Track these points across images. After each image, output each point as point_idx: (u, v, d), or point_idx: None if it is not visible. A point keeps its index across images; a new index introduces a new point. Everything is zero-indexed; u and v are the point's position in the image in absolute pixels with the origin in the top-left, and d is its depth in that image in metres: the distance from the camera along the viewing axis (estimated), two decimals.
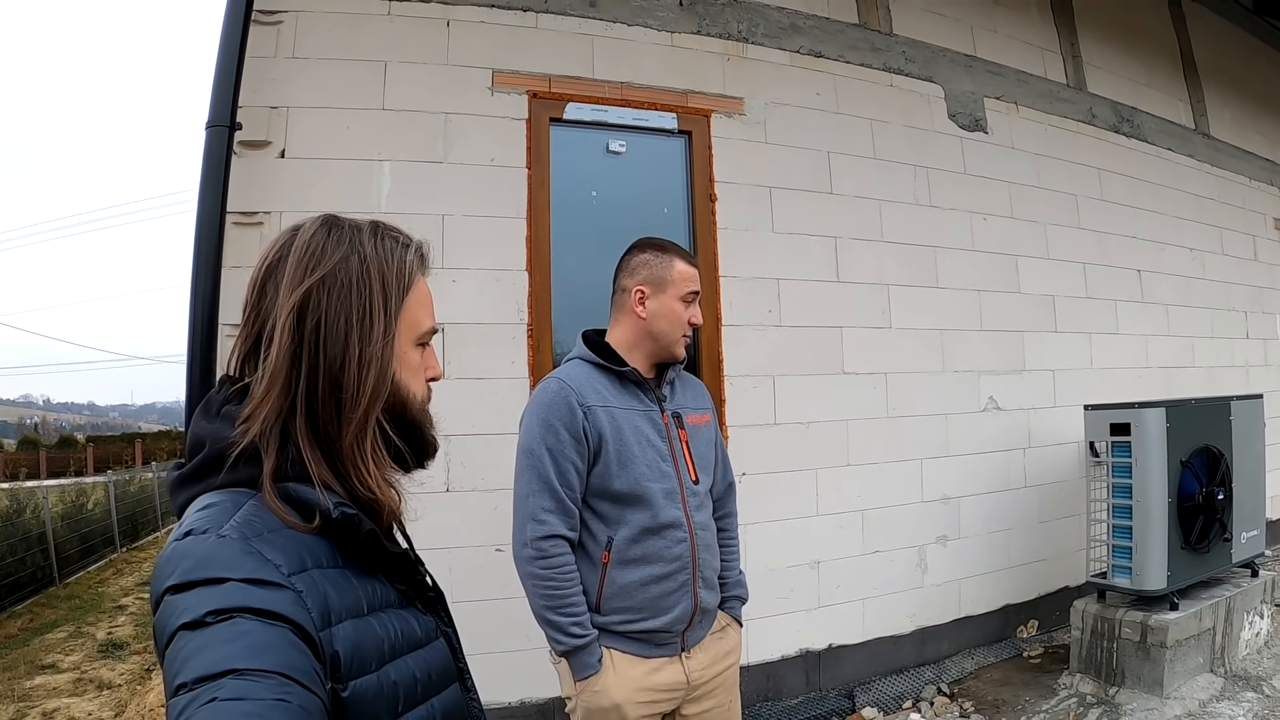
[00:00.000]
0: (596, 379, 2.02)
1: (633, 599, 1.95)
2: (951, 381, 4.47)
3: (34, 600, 9.86)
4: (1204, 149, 6.29)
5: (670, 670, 2.00)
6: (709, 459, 2.16)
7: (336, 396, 0.93)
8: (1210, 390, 5.54)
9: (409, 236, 1.05)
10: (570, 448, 1.92)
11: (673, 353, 2.07)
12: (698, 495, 2.06)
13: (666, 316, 2.04)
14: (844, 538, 4.05)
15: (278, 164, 3.26)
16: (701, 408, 2.19)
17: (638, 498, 1.95)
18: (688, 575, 1.99)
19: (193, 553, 0.78)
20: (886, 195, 4.38)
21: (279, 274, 0.94)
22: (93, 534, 12.52)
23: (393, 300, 0.98)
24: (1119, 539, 3.86)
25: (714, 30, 4.04)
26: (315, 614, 0.80)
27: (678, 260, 2.07)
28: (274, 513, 0.86)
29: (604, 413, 1.96)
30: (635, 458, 1.96)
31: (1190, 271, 5.93)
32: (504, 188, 3.53)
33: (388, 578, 0.98)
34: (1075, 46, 5.47)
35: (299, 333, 0.92)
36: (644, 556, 1.95)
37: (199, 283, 2.89)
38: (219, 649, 0.69)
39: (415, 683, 0.92)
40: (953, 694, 3.97)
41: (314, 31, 3.37)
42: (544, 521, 1.90)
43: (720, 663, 2.12)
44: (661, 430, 2.04)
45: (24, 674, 6.83)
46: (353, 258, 0.96)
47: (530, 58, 3.65)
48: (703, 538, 2.04)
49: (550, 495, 1.91)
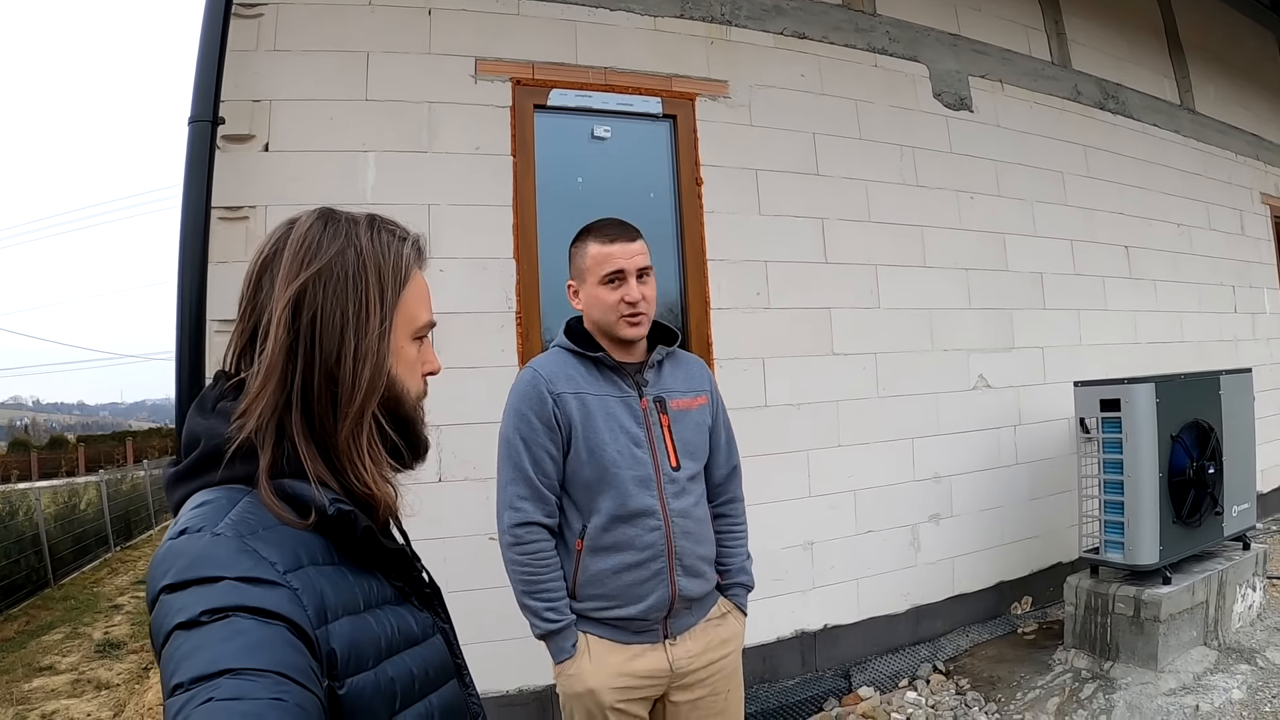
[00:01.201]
0: (572, 365, 2.02)
1: (605, 586, 1.96)
2: (941, 360, 4.48)
3: (29, 602, 9.87)
4: (1189, 124, 6.30)
5: (651, 657, 1.99)
6: (697, 443, 2.11)
7: (332, 391, 0.92)
8: (1199, 365, 5.55)
9: (406, 230, 1.04)
10: (544, 435, 1.95)
11: (619, 336, 2.02)
12: (677, 482, 2.02)
13: (595, 305, 2.02)
14: (837, 518, 4.06)
15: (262, 157, 3.24)
16: (694, 390, 2.14)
17: (607, 485, 1.95)
18: (662, 564, 1.97)
19: (188, 551, 0.78)
20: (873, 175, 4.38)
21: (275, 267, 0.94)
22: (86, 534, 12.53)
23: (389, 294, 0.97)
24: (1111, 514, 3.87)
25: (697, 13, 4.03)
26: (311, 611, 0.79)
27: (590, 244, 2.03)
28: (269, 509, 0.85)
29: (575, 399, 1.97)
30: (605, 444, 1.96)
31: (1178, 247, 5.95)
32: (489, 176, 3.51)
33: (384, 574, 0.97)
34: (1059, 24, 5.47)
35: (294, 327, 0.91)
36: (615, 544, 1.96)
37: (185, 279, 2.87)
38: (215, 648, 0.69)
39: (413, 679, 0.92)
40: (948, 672, 4.00)
41: (295, 23, 3.34)
42: (519, 509, 1.94)
43: (714, 651, 2.08)
44: (639, 415, 2.01)
45: (22, 676, 6.83)
46: (349, 251, 0.96)
47: (513, 45, 3.63)
48: (682, 525, 2.01)
49: (525, 483, 1.95)
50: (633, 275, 2.00)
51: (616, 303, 1.99)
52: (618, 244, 2.01)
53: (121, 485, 15.74)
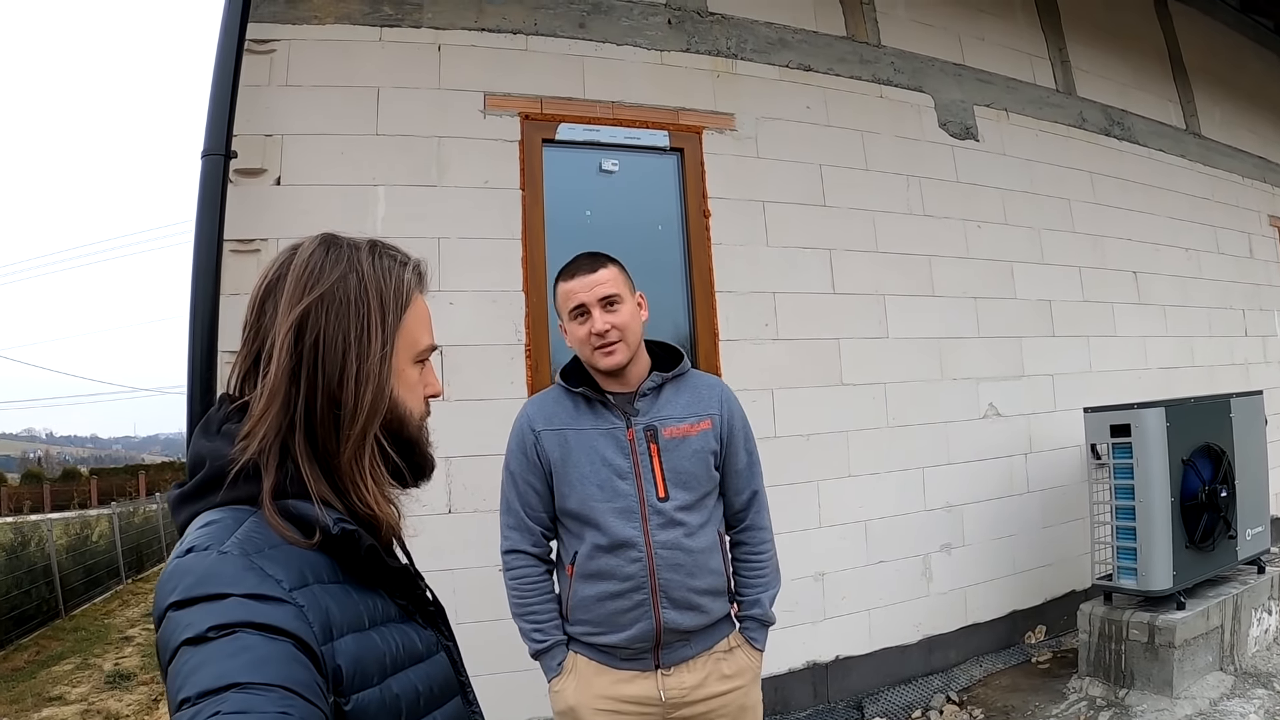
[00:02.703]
0: (560, 402, 2.09)
1: (592, 613, 2.01)
2: (950, 389, 4.47)
3: (40, 633, 9.85)
4: (1196, 149, 6.31)
5: (641, 684, 2.00)
6: (692, 472, 2.02)
7: (335, 413, 0.93)
8: (1210, 389, 5.52)
9: (407, 255, 1.06)
10: (529, 470, 2.06)
11: (598, 366, 2.02)
12: (663, 513, 1.97)
13: (573, 341, 2.05)
14: (847, 549, 4.04)
15: (273, 191, 3.28)
16: (697, 415, 2.06)
17: (585, 517, 2.00)
18: (644, 595, 1.95)
19: (194, 569, 0.79)
20: (880, 206, 4.39)
21: (278, 292, 0.95)
22: (98, 566, 12.51)
23: (390, 317, 0.99)
24: (1123, 540, 3.85)
25: (703, 47, 4.07)
26: (317, 628, 0.80)
27: (559, 283, 2.06)
28: (274, 529, 0.86)
29: (554, 436, 2.04)
30: (585, 478, 2.00)
31: (1187, 271, 5.94)
32: (498, 209, 3.54)
33: (388, 592, 0.98)
34: (1063, 51, 5.50)
35: (297, 350, 0.92)
36: (599, 573, 1.99)
37: (198, 311, 2.90)
38: (222, 664, 0.69)
39: (417, 696, 0.93)
40: (962, 702, 3.96)
41: (306, 59, 3.39)
42: (508, 537, 2.09)
43: (714, 684, 2.03)
44: (625, 447, 2.00)
45: (31, 706, 6.81)
46: (351, 276, 0.97)
47: (521, 80, 3.67)
48: (669, 557, 1.96)
49: (511, 514, 2.09)
50: (595, 307, 1.98)
51: (586, 336, 1.99)
52: (577, 279, 2.01)
53: (134, 518, 15.73)
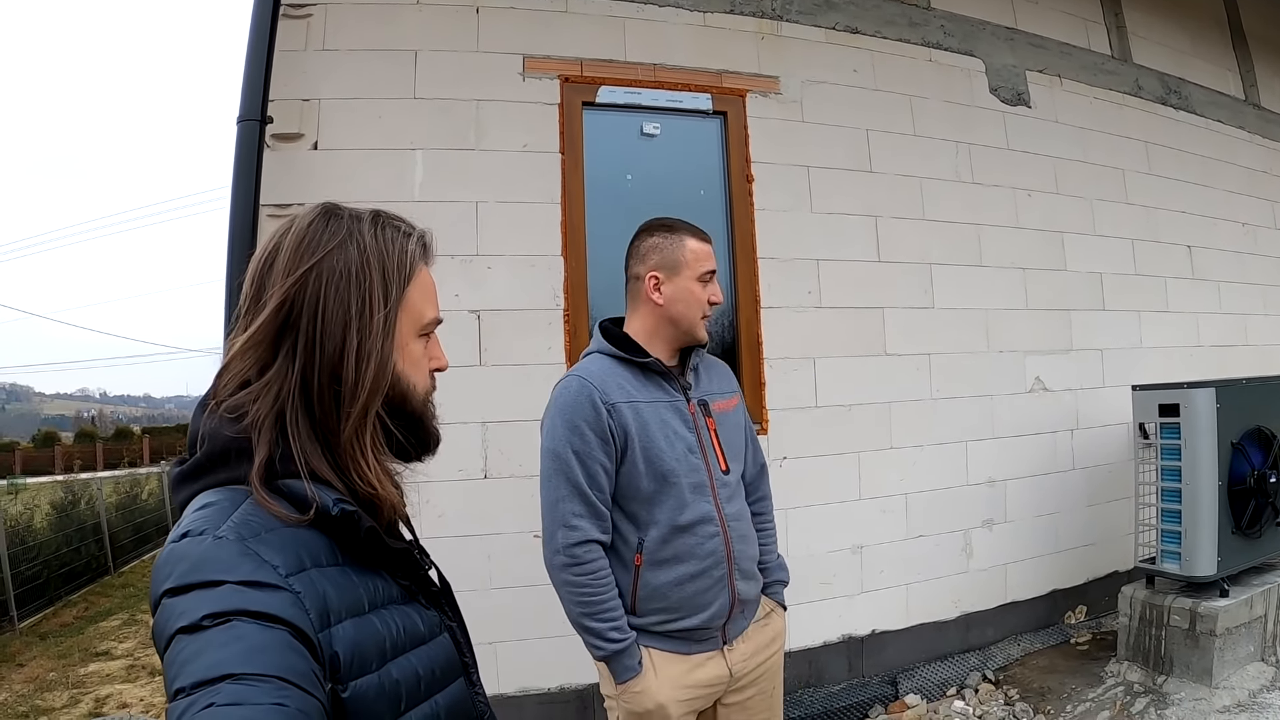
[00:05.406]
0: (618, 373, 1.94)
1: (668, 599, 1.91)
2: (996, 362, 4.38)
3: (89, 589, 10.16)
4: (1254, 120, 6.07)
5: (712, 665, 1.97)
6: (739, 445, 2.09)
7: (335, 390, 0.92)
8: (1264, 370, 5.35)
9: (411, 225, 1.03)
10: (598, 449, 1.86)
11: (695, 336, 1.99)
12: (729, 486, 1.99)
13: (684, 300, 1.96)
14: (887, 522, 3.99)
15: (311, 156, 3.28)
16: (728, 391, 2.12)
17: (665, 494, 1.90)
18: (723, 570, 1.94)
19: (189, 555, 0.78)
20: (927, 172, 4.29)
21: (275, 264, 0.93)
22: (147, 524, 12.91)
23: (393, 290, 0.96)
24: (1168, 523, 3.75)
25: (747, 9, 3.98)
26: (314, 615, 0.79)
27: (689, 239, 1.98)
28: (263, 506, 0.85)
29: (629, 408, 1.89)
30: (664, 452, 1.90)
31: (1242, 247, 5.74)
32: (537, 173, 3.51)
33: (390, 573, 0.97)
34: (1119, 16, 5.30)
35: (292, 320, 0.91)
36: (676, 556, 1.90)
37: (234, 275, 2.91)
38: (216, 653, 0.68)
39: (418, 680, 0.92)
40: (998, 681, 3.91)
41: (344, 23, 3.38)
42: (576, 527, 1.85)
43: (764, 651, 2.07)
44: (689, 420, 1.97)
45: (79, 661, 7.02)
46: (350, 246, 0.94)
47: (561, 42, 3.62)
48: (736, 529, 1.98)
49: (581, 499, 1.86)
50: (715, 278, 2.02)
51: (705, 301, 1.97)
52: (707, 245, 2.01)
53: None
